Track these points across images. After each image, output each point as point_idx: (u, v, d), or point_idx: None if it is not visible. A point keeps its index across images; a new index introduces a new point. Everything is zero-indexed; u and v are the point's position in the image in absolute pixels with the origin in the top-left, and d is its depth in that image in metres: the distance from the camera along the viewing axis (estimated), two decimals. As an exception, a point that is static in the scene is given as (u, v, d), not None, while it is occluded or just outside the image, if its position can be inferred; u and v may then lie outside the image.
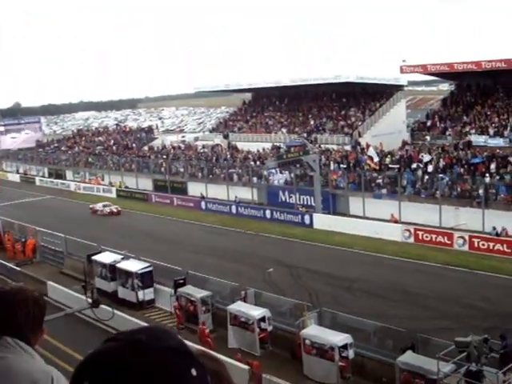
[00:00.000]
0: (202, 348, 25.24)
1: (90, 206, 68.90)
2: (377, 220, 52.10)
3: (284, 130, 78.44)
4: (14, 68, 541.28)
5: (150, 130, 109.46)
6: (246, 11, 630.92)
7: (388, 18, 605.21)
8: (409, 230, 48.50)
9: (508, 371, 22.33)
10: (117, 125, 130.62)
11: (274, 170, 63.33)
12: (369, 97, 76.81)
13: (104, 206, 68.24)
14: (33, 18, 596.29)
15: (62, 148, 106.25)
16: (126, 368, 1.52)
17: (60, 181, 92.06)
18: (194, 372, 1.58)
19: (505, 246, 43.33)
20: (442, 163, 54.66)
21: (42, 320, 3.31)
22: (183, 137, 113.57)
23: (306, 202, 59.93)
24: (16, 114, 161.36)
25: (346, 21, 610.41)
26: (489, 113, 62.03)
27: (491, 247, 43.82)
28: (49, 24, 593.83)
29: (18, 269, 44.94)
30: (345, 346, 27.26)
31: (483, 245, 44.23)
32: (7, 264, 46.45)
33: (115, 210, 67.13)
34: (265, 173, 65.62)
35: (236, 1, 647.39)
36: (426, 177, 53.79)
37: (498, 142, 56.96)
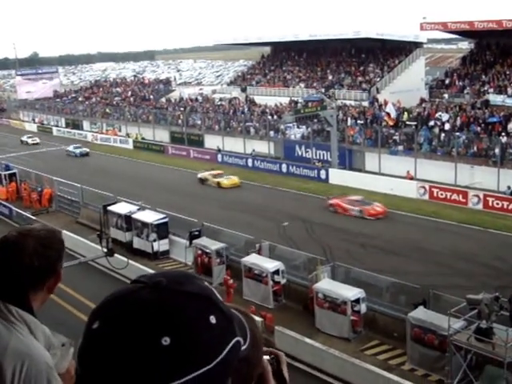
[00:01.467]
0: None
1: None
2: (392, 176, 52.10)
3: (302, 85, 78.15)
4: (32, 18, 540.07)
5: (167, 81, 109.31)
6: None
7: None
8: (424, 187, 48.53)
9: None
10: (135, 76, 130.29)
11: (291, 125, 63.18)
12: (388, 53, 76.29)
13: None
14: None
15: (80, 98, 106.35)
16: (139, 309, 1.47)
17: (77, 131, 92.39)
18: (213, 320, 1.50)
19: (519, 205, 43.38)
20: (458, 121, 54.44)
21: (49, 271, 2.95)
22: (201, 89, 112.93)
23: (322, 157, 60.00)
24: (34, 64, 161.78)
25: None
26: (508, 72, 61.37)
27: (505, 206, 43.75)
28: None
29: (33, 218, 45.29)
30: (357, 301, 27.46)
31: (497, 204, 44.19)
32: (23, 213, 46.92)
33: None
34: (282, 127, 65.54)
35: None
36: (443, 134, 53.61)
37: (516, 101, 56.52)
